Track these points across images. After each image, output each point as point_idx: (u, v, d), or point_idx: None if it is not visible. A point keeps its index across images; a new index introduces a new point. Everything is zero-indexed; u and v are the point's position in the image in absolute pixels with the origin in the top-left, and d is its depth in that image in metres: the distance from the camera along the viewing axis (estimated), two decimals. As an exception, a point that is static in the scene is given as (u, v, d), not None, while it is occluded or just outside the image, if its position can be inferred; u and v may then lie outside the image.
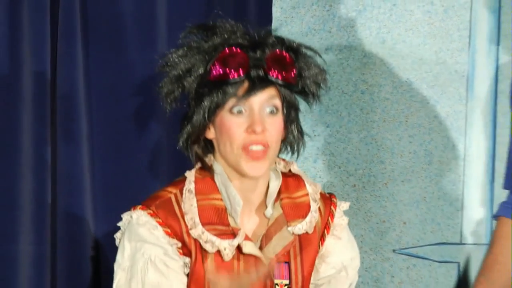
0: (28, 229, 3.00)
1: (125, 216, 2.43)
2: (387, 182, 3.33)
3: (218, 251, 2.41)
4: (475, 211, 3.35)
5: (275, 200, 2.48)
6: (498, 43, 3.34)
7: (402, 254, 3.34)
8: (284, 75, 2.41)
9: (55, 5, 3.01)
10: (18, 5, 2.98)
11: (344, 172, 3.35)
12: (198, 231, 2.41)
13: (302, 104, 2.51)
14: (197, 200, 2.45)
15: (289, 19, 3.28)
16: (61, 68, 3.03)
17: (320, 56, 2.46)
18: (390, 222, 3.33)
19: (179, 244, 2.42)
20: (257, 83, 2.37)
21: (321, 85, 2.49)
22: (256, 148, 2.35)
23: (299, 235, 2.48)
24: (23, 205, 2.98)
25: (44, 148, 3.01)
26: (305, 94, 2.48)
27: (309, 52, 2.49)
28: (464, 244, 3.37)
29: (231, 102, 2.37)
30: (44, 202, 3.03)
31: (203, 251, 2.46)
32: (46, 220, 3.02)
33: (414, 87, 3.35)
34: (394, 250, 3.32)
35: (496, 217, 2.77)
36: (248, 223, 2.46)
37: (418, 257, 3.37)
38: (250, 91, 2.36)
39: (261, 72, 2.38)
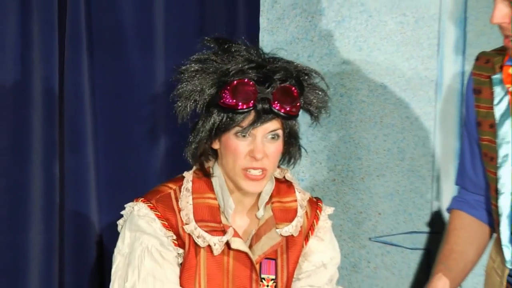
0: (38, 219, 3.08)
1: (128, 206, 2.53)
2: (364, 176, 3.39)
3: (209, 246, 2.52)
4: (443, 203, 3.38)
5: (267, 203, 2.58)
6: (464, 52, 3.39)
7: (377, 242, 3.41)
8: (287, 109, 2.48)
9: (62, 17, 3.08)
10: (29, 18, 3.05)
11: (325, 168, 3.40)
12: (191, 227, 2.51)
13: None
14: (192, 198, 2.55)
15: (275, 29, 3.29)
16: (68, 73, 3.09)
17: (324, 81, 2.56)
18: (366, 213, 3.39)
19: (174, 237, 2.52)
20: (262, 115, 2.45)
21: (323, 109, 2.62)
22: (255, 172, 2.46)
23: (286, 237, 2.61)
24: (33, 198, 3.06)
25: (52, 147, 3.08)
26: (308, 112, 2.59)
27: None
28: (433, 232, 3.43)
29: (236, 128, 2.47)
30: (53, 196, 3.10)
31: (196, 245, 2.55)
32: (55, 212, 3.10)
33: (388, 90, 3.39)
34: (370, 238, 3.40)
35: (449, 210, 2.88)
36: (239, 222, 2.57)
37: (392, 244, 3.43)
38: (255, 122, 2.45)
39: (266, 106, 2.45)
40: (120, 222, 2.58)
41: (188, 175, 2.60)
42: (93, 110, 3.17)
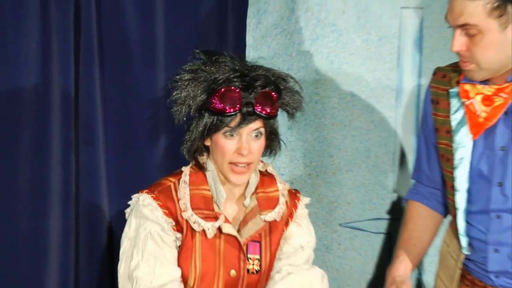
0: (56, 208, 3.22)
1: (134, 197, 2.71)
2: (335, 171, 3.51)
3: (204, 230, 2.68)
4: (402, 194, 3.53)
5: (253, 193, 2.75)
6: (420, 65, 3.52)
7: (346, 227, 3.54)
8: (268, 111, 2.63)
9: (77, 36, 3.22)
10: (49, 37, 3.20)
11: (302, 164, 3.52)
12: (188, 214, 2.67)
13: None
14: (189, 190, 2.70)
15: (259, 45, 3.40)
16: (82, 83, 3.24)
17: (299, 84, 2.74)
18: (337, 202, 3.52)
19: (174, 223, 2.68)
20: (247, 117, 2.61)
21: (298, 109, 2.77)
22: (241, 166, 2.63)
23: (269, 222, 2.77)
24: (52, 189, 3.20)
25: (69, 146, 3.24)
26: (286, 111, 2.77)
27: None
28: (393, 219, 3.57)
29: (225, 128, 2.62)
30: (69, 188, 3.24)
31: (192, 230, 2.71)
32: (71, 202, 3.24)
33: (355, 98, 3.52)
34: (340, 224, 3.52)
35: (406, 200, 3.04)
36: (229, 209, 2.73)
37: (359, 229, 3.57)
38: (241, 123, 2.61)
39: (250, 109, 2.60)
40: (127, 210, 2.73)
41: (186, 170, 2.74)
42: (103, 114, 3.30)
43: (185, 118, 2.71)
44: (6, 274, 3.25)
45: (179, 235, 2.71)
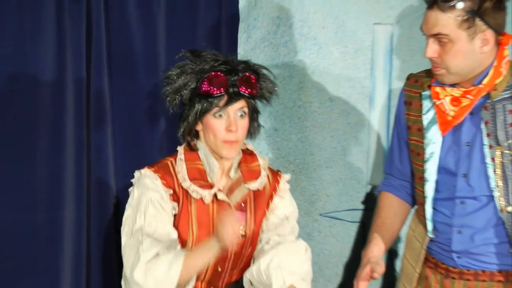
0: (70, 198, 3.29)
1: (136, 173, 2.85)
2: (316, 168, 3.62)
3: (201, 198, 2.80)
4: (375, 187, 3.66)
5: (237, 167, 2.90)
6: (390, 74, 3.63)
7: (326, 217, 3.65)
8: (250, 91, 2.78)
9: (89, 48, 3.32)
10: (64, 49, 3.29)
11: (287, 161, 3.62)
12: (187, 184, 2.80)
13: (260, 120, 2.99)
14: (186, 164, 2.84)
15: (249, 56, 3.43)
16: (93, 88, 3.35)
17: (272, 74, 2.90)
18: (318, 195, 3.62)
19: (171, 192, 2.81)
20: (233, 97, 2.76)
21: (273, 93, 2.90)
22: (232, 143, 2.78)
23: (253, 191, 2.90)
24: (67, 181, 3.29)
25: (81, 145, 3.34)
26: (263, 98, 2.89)
27: (265, 72, 2.89)
28: (367, 209, 3.67)
29: (214, 110, 2.76)
30: (82, 176, 3.34)
31: (188, 199, 2.83)
32: (84, 192, 3.33)
33: (334, 103, 3.62)
34: (320, 214, 3.63)
35: (379, 191, 3.16)
36: (220, 181, 2.87)
37: (337, 218, 3.68)
38: (228, 103, 2.76)
39: (235, 89, 2.76)
40: (130, 189, 2.86)
41: (180, 149, 2.88)
42: (111, 114, 3.40)
43: (177, 108, 2.84)
44: (26, 259, 3.32)
45: (175, 204, 2.81)
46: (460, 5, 2.76)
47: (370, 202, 3.68)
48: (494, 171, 2.83)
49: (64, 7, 3.26)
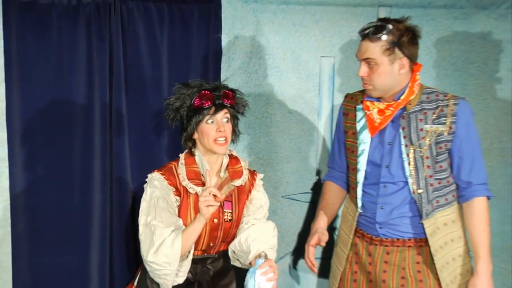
0: (98, 186, 3.51)
1: (149, 175, 2.96)
2: (278, 162, 3.76)
3: (196, 192, 2.90)
4: (321, 177, 3.76)
5: (226, 169, 2.99)
6: (333, 93, 3.73)
7: (286, 198, 3.78)
8: (230, 102, 2.89)
9: (111, 73, 3.47)
10: (92, 74, 3.46)
11: (257, 158, 3.76)
12: (186, 182, 2.91)
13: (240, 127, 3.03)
14: (185, 168, 2.93)
15: (229, 81, 3.44)
16: (114, 105, 3.49)
17: (244, 95, 2.99)
18: (280, 182, 3.76)
19: (174, 189, 2.90)
20: (218, 107, 2.87)
21: (245, 106, 2.97)
22: (221, 139, 2.88)
23: (237, 187, 2.99)
24: (95, 173, 3.50)
25: (105, 147, 3.51)
26: (239, 110, 2.95)
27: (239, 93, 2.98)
28: (315, 193, 3.75)
29: (206, 118, 2.86)
30: (106, 171, 3.51)
31: (187, 194, 2.90)
32: (107, 181, 3.52)
33: (291, 115, 3.73)
34: (282, 196, 3.77)
35: (323, 181, 3.31)
36: (211, 180, 2.96)
37: (294, 199, 3.78)
38: (216, 111, 2.87)
39: (219, 101, 2.86)
40: (145, 185, 2.97)
41: (182, 156, 2.98)
42: (128, 124, 3.53)
43: (177, 123, 2.93)
44: (65, 230, 3.49)
45: (178, 198, 2.90)
46: (384, 38, 2.91)
47: (318, 188, 3.72)
48: (409, 163, 2.99)
49: (92, 44, 3.44)
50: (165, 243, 2.78)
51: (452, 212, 3.11)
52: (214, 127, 2.87)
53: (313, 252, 3.15)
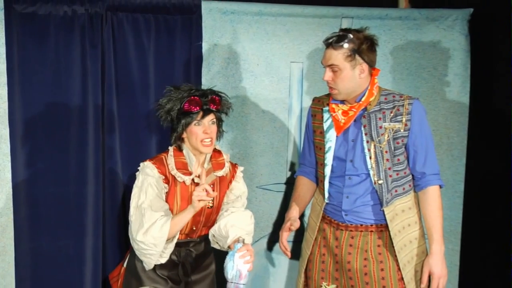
0: (91, 179, 3.56)
1: (141, 164, 3.01)
2: (254, 156, 3.81)
3: (183, 181, 2.97)
4: (293, 171, 3.85)
5: (210, 161, 3.06)
6: (302, 95, 3.79)
7: (261, 188, 3.84)
8: (216, 107, 2.95)
9: (103, 76, 3.51)
10: (86, 77, 3.50)
11: (235, 152, 3.79)
12: (175, 171, 2.97)
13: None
14: (174, 158, 2.99)
15: (209, 84, 3.53)
16: (107, 106, 3.54)
17: (228, 98, 3.05)
18: (255, 174, 3.81)
19: (163, 177, 2.95)
20: (206, 112, 2.93)
21: (230, 108, 3.05)
22: (207, 140, 2.95)
23: (219, 177, 3.06)
24: (88, 167, 3.55)
25: (98, 142, 3.56)
26: (224, 112, 3.02)
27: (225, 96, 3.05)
28: (287, 183, 3.84)
29: (194, 121, 2.93)
30: (99, 165, 3.56)
31: (175, 182, 2.95)
32: (100, 174, 3.56)
33: (265, 114, 3.78)
34: (257, 187, 3.84)
35: (296, 175, 3.36)
36: (197, 171, 3.04)
37: (268, 190, 3.84)
38: (203, 116, 2.94)
39: (207, 107, 2.92)
40: (137, 173, 3.02)
41: (171, 149, 3.03)
42: (118, 124, 3.58)
43: (168, 123, 2.99)
44: (61, 217, 3.54)
45: (166, 185, 2.96)
46: (346, 46, 2.94)
47: (288, 179, 3.84)
48: (370, 157, 3.03)
49: (86, 51, 3.49)
50: (155, 225, 2.84)
51: (409, 200, 3.15)
52: (201, 129, 2.94)
53: (286, 237, 3.20)
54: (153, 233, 2.85)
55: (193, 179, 3.02)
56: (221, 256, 3.01)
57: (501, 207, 3.84)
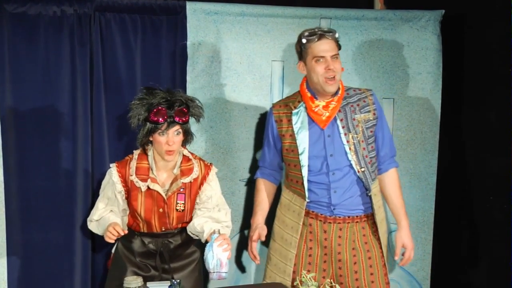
0: (80, 173, 3.53)
1: (111, 164, 3.04)
2: (237, 151, 3.78)
3: (139, 187, 2.96)
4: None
5: (179, 166, 3.00)
6: (282, 92, 3.75)
7: (242, 181, 3.82)
8: (182, 119, 2.88)
9: (91, 75, 3.48)
10: (75, 76, 3.47)
11: (218, 147, 3.76)
12: (133, 177, 2.96)
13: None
14: (136, 163, 2.98)
15: (194, 81, 3.59)
16: (95, 103, 3.52)
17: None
18: (238, 168, 3.79)
19: (122, 180, 2.97)
20: (170, 124, 2.88)
21: (200, 116, 2.97)
22: (170, 152, 2.91)
23: (185, 183, 2.98)
24: (78, 161, 3.52)
25: (87, 139, 3.53)
26: (194, 118, 2.98)
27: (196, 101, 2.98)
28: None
29: (159, 131, 2.89)
30: (88, 158, 3.53)
31: (135, 186, 2.96)
32: (89, 168, 3.54)
33: (247, 111, 3.76)
34: (239, 180, 3.81)
35: (255, 178, 3.32)
36: (163, 176, 2.99)
37: (248, 181, 3.79)
38: (168, 127, 2.89)
39: (172, 119, 2.87)
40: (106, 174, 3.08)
41: (136, 152, 3.03)
42: (106, 119, 3.56)
43: (137, 125, 2.94)
44: (53, 209, 3.52)
45: (123, 189, 2.97)
46: (337, 35, 3.02)
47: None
48: (350, 148, 3.04)
49: (75, 50, 3.47)
50: (92, 224, 3.00)
51: (378, 184, 3.22)
52: (165, 139, 2.91)
53: (255, 246, 3.18)
54: (92, 227, 3.02)
55: (148, 186, 2.97)
56: (204, 246, 2.98)
57: (472, 198, 3.85)
